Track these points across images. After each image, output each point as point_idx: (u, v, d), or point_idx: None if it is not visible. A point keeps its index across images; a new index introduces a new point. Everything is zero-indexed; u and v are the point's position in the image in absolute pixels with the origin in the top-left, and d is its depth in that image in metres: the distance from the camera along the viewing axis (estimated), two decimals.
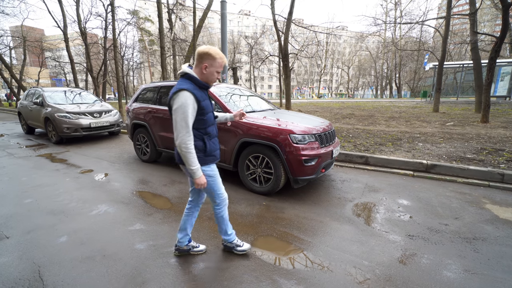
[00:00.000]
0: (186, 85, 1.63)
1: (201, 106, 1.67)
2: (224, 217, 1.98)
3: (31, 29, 23.77)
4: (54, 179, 3.88)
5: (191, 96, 1.60)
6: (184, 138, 1.60)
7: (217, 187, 1.87)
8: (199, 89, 1.70)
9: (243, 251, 2.06)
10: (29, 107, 7.45)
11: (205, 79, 1.72)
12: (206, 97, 1.76)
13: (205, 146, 1.77)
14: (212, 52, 1.65)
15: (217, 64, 1.69)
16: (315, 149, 3.11)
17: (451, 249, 2.17)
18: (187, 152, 1.63)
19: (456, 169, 3.89)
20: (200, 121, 1.71)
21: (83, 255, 2.04)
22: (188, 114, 1.60)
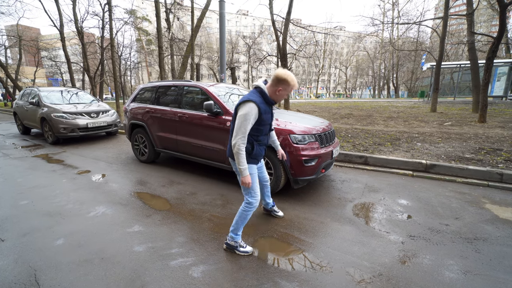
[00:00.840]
0: (255, 98, 1.89)
1: (262, 118, 1.92)
2: (246, 218, 2.10)
3: (27, 28, 23.54)
4: (50, 180, 3.82)
5: (256, 108, 1.86)
6: (239, 141, 1.85)
7: (255, 186, 2.05)
8: (266, 103, 1.96)
9: (245, 252, 2.08)
10: (25, 107, 7.36)
11: (275, 98, 1.97)
12: (269, 111, 2.01)
13: (253, 150, 2.00)
14: (289, 80, 1.87)
15: (289, 89, 1.92)
16: (315, 149, 3.09)
17: (453, 249, 2.16)
18: (239, 153, 1.86)
19: (455, 169, 3.89)
20: (256, 130, 1.95)
21: (81, 258, 2.00)
22: (249, 123, 1.85)
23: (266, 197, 2.66)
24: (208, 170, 4.25)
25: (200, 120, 3.73)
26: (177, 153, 4.23)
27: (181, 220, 2.65)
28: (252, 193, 2.04)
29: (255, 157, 2.04)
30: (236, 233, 2.10)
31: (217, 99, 3.63)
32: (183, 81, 4.28)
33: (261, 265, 1.96)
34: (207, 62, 38.82)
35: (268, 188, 2.60)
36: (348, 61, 51.96)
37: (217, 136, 3.56)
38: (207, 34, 35.44)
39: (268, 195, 2.66)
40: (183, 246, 2.17)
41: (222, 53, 7.42)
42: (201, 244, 2.20)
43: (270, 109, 2.02)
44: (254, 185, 2.03)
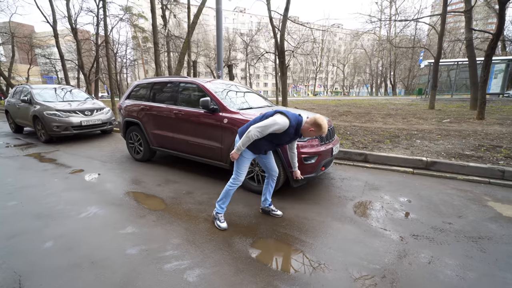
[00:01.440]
0: (293, 121, 2.13)
1: (280, 135, 2.17)
2: (229, 193, 2.39)
3: (20, 25, 23.06)
4: (41, 180, 3.70)
5: (286, 127, 2.10)
6: (256, 133, 2.11)
7: (242, 168, 2.32)
8: (294, 130, 2.17)
9: (219, 227, 2.38)
10: (17, 105, 7.17)
11: (303, 133, 2.20)
12: (289, 136, 2.20)
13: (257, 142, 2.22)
14: (323, 126, 2.07)
15: (319, 131, 2.10)
16: (315, 147, 3.00)
17: (457, 249, 2.10)
18: (249, 139, 2.12)
19: (456, 166, 3.83)
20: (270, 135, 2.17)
21: (70, 262, 1.90)
22: (271, 128, 2.09)
23: (267, 193, 2.62)
24: (205, 169, 4.15)
25: (197, 117, 3.62)
26: (173, 151, 4.12)
27: (177, 220, 2.55)
28: (238, 172, 2.33)
29: (257, 147, 2.25)
30: (221, 205, 2.42)
31: (214, 95, 3.52)
32: (179, 77, 4.16)
33: (260, 267, 1.87)
34: (205, 59, 38.49)
35: (274, 183, 2.60)
36: (346, 59, 51.92)
37: (214, 134, 3.46)
38: (204, 31, 35.08)
39: (270, 191, 2.62)
40: (178, 248, 2.08)
41: (219, 50, 7.28)
42: (197, 246, 2.11)
43: (291, 137, 2.21)
44: (243, 168, 2.32)
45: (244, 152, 2.27)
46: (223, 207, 2.43)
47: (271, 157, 2.52)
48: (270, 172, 2.54)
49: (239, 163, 2.31)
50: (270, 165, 2.52)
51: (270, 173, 2.55)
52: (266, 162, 2.51)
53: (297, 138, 2.31)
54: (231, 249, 2.08)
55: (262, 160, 2.51)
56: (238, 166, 2.32)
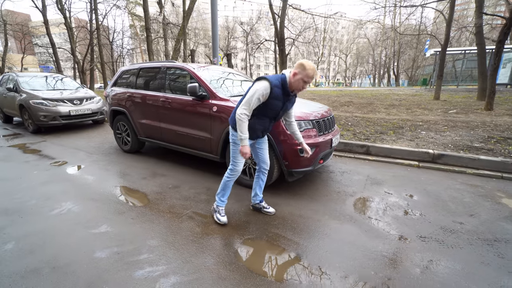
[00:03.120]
0: (273, 79, 1.88)
1: (270, 101, 1.92)
2: (227, 185, 2.19)
3: (12, 12, 22.39)
4: (19, 172, 3.45)
5: (268, 88, 1.86)
6: (243, 111, 1.89)
7: (238, 157, 2.10)
8: (282, 90, 1.92)
9: (218, 220, 2.20)
10: (4, 94, 6.87)
11: (292, 85, 1.91)
12: (281, 99, 1.95)
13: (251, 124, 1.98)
14: (305, 64, 1.82)
15: (306, 75, 1.82)
16: (313, 138, 2.72)
17: (471, 253, 1.85)
18: (241, 121, 1.89)
19: (466, 159, 3.55)
20: (261, 109, 1.95)
21: (28, 267, 1.66)
22: (256, 98, 1.87)
23: (257, 188, 2.39)
24: (195, 161, 3.89)
25: (184, 105, 3.33)
26: (161, 142, 3.85)
27: (158, 218, 2.31)
28: (234, 162, 2.12)
29: (251, 130, 2.01)
30: (220, 198, 2.23)
31: (203, 81, 3.22)
32: (166, 62, 3.84)
33: (246, 274, 1.63)
34: (204, 49, 37.68)
35: (265, 178, 2.38)
36: (348, 49, 50.73)
37: (203, 123, 3.17)
38: (202, 19, 34.16)
39: (261, 186, 2.40)
40: (154, 251, 1.84)
41: (215, 35, 6.90)
42: (176, 249, 1.87)
43: (284, 99, 1.97)
44: (239, 157, 2.09)
45: (234, 135, 2.06)
46: (223, 199, 2.25)
47: (265, 147, 2.28)
48: (261, 164, 2.30)
49: (235, 152, 2.10)
50: (262, 156, 2.27)
51: (261, 166, 2.31)
52: (259, 152, 2.27)
53: (291, 102, 2.08)
54: (215, 253, 1.84)
55: (255, 149, 2.26)
56: (235, 156, 2.12)
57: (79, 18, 21.71)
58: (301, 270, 1.68)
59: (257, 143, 2.24)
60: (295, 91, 1.95)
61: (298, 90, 1.93)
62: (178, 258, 1.77)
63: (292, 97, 2.05)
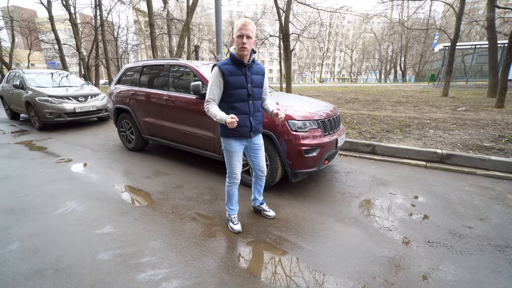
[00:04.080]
0: (220, 62, 1.83)
1: (227, 80, 1.80)
2: (230, 193, 2.12)
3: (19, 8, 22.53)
4: (25, 170, 3.48)
5: (217, 70, 1.80)
6: (206, 105, 1.84)
7: (231, 164, 2.01)
8: (234, 64, 1.82)
9: (232, 229, 2.13)
10: (10, 91, 6.94)
11: (239, 52, 1.79)
12: (239, 73, 1.83)
13: None
14: (235, 23, 1.74)
15: (235, 30, 1.75)
16: (318, 138, 2.67)
17: (481, 260, 1.79)
18: (208, 111, 1.83)
19: (475, 159, 3.46)
20: (228, 95, 1.85)
21: (32, 269, 1.67)
22: (213, 86, 1.82)
23: (256, 193, 2.34)
24: (198, 160, 3.87)
25: (187, 103, 3.30)
26: (164, 141, 3.83)
27: (161, 219, 2.30)
28: (229, 170, 2.04)
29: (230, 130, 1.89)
30: (229, 207, 2.17)
31: (206, 79, 3.17)
32: (170, 60, 3.80)
33: (248, 279, 1.61)
34: (208, 45, 37.45)
35: (262, 183, 2.29)
36: (354, 44, 49.90)
37: (206, 122, 3.14)
38: (206, 15, 33.90)
39: (259, 190, 2.33)
40: (156, 254, 1.82)
41: (219, 31, 6.80)
42: (178, 251, 1.85)
43: (242, 72, 1.84)
44: (233, 163, 2.00)
45: (227, 145, 1.97)
46: (232, 208, 2.17)
47: (260, 154, 2.13)
48: (257, 171, 2.20)
49: (228, 158, 2.01)
50: (258, 163, 2.14)
51: (257, 173, 2.21)
52: (254, 160, 2.13)
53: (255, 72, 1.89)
54: (217, 256, 1.82)
55: (250, 156, 2.14)
56: (228, 162, 2.03)
57: (84, 14, 21.76)
58: (305, 275, 1.64)
59: (251, 151, 2.09)
60: (242, 54, 1.78)
61: (243, 49, 1.75)
62: (181, 261, 1.76)
63: (252, 65, 1.88)
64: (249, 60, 1.84)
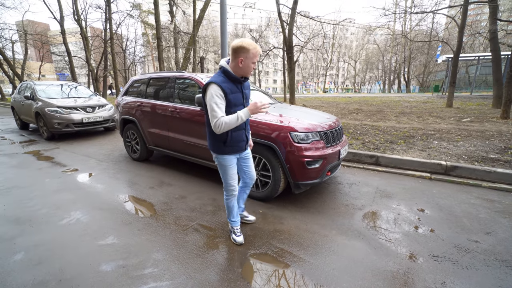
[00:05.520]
0: (215, 78, 1.75)
1: (228, 98, 1.76)
2: (229, 206, 2.12)
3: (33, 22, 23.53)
4: (32, 180, 3.56)
5: (217, 88, 1.71)
6: (217, 122, 1.70)
7: (227, 178, 2.01)
8: (231, 82, 1.79)
9: (234, 241, 2.12)
10: (21, 102, 7.16)
11: (241, 72, 1.78)
12: (237, 90, 1.82)
13: (227, 137, 1.87)
14: (245, 45, 1.69)
15: (251, 55, 1.72)
16: (320, 149, 2.69)
17: (488, 276, 1.75)
18: (227, 125, 1.71)
19: (481, 171, 3.42)
20: (227, 113, 1.77)
21: (36, 279, 1.69)
22: (217, 103, 1.71)
23: (241, 200, 2.33)
24: (202, 171, 3.90)
25: (192, 115, 3.37)
26: (169, 151, 3.89)
27: (164, 230, 2.31)
28: (227, 183, 2.03)
29: (231, 144, 1.91)
30: (230, 218, 2.17)
31: None
32: (176, 73, 3.91)
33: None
34: (214, 56, 38.31)
35: (248, 191, 2.32)
36: (358, 55, 50.45)
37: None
38: (212, 27, 34.86)
39: (244, 198, 2.34)
40: (159, 265, 1.83)
41: (224, 44, 6.98)
42: (180, 263, 1.86)
43: (239, 89, 1.84)
44: (227, 176, 2.00)
45: (223, 161, 1.96)
46: (234, 220, 2.17)
47: (250, 163, 2.15)
48: (247, 179, 2.19)
49: (225, 173, 2.01)
50: (248, 172, 2.15)
51: (247, 181, 2.20)
52: (245, 169, 2.14)
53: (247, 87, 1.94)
54: (219, 268, 1.82)
55: (241, 165, 2.12)
56: (225, 176, 2.02)
57: (94, 27, 22.60)
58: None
59: (242, 161, 2.11)
60: (244, 75, 1.82)
61: (249, 74, 1.81)
62: (182, 273, 1.76)
63: (245, 81, 1.90)
64: None
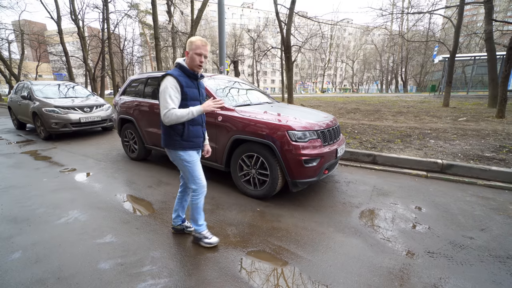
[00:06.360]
0: (172, 71, 1.80)
1: (184, 91, 1.79)
2: (198, 206, 2.00)
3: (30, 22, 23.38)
4: (29, 180, 3.54)
5: (173, 79, 1.75)
6: (167, 112, 1.71)
7: (195, 173, 1.93)
8: (187, 77, 1.83)
9: (209, 244, 2.02)
10: (18, 102, 7.12)
11: (192, 66, 1.82)
12: (192, 85, 1.86)
13: (183, 130, 1.85)
14: (191, 39, 1.78)
15: (194, 47, 1.76)
16: (317, 148, 2.71)
17: (482, 271, 1.78)
18: (177, 118, 1.73)
19: (476, 169, 3.46)
20: (183, 106, 1.80)
21: (33, 278, 1.69)
22: (171, 95, 1.73)
23: (180, 210, 2.16)
24: None
25: None
26: None
27: (162, 228, 2.32)
28: (195, 180, 1.94)
29: (188, 138, 1.88)
30: (196, 224, 2.05)
31: (208, 91, 3.26)
32: None
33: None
34: (212, 56, 38.26)
35: (188, 198, 2.12)
36: (355, 55, 50.67)
37: (208, 133, 3.20)
38: (210, 27, 34.83)
39: (184, 207, 2.17)
40: (157, 263, 1.84)
41: (222, 44, 7.01)
42: (178, 261, 1.87)
43: (194, 85, 1.88)
44: (196, 172, 1.93)
45: (187, 156, 1.89)
46: (201, 223, 2.04)
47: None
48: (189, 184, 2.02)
49: (190, 169, 1.91)
50: None
51: (188, 186, 2.07)
52: None
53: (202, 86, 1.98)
54: (217, 266, 1.83)
55: None
56: (192, 173, 1.92)
57: (92, 27, 22.52)
58: (304, 285, 1.64)
59: None
60: (196, 70, 1.83)
61: (198, 66, 1.81)
62: (181, 271, 1.77)
63: (200, 80, 1.94)
64: None
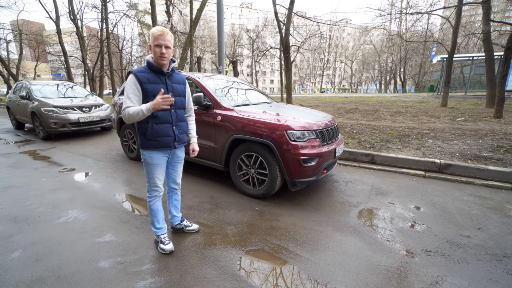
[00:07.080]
0: (136, 69, 1.76)
1: (144, 88, 1.72)
2: (152, 209, 1.96)
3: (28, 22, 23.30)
4: (29, 179, 3.54)
5: (133, 77, 1.72)
6: (123, 112, 1.68)
7: (150, 176, 1.89)
8: (152, 72, 1.76)
9: (162, 250, 1.95)
10: (17, 102, 7.11)
11: (157, 61, 1.74)
12: (158, 81, 1.77)
13: (147, 128, 1.78)
14: (151, 30, 1.71)
15: (152, 39, 1.69)
16: (316, 148, 2.72)
17: (478, 269, 1.80)
18: (130, 117, 1.67)
19: (474, 169, 3.49)
20: (145, 103, 1.70)
21: (34, 276, 1.69)
22: (128, 93, 1.70)
23: (173, 209, 2.17)
24: (199, 169, 3.92)
25: None
26: None
27: None
28: (150, 182, 1.90)
29: (151, 137, 1.79)
30: (154, 226, 2.01)
31: (208, 91, 3.28)
32: None
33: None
34: (211, 56, 38.25)
35: (178, 197, 2.17)
36: (354, 55, 50.80)
37: (207, 132, 3.22)
38: (209, 27, 34.81)
39: (177, 206, 2.18)
40: (157, 262, 1.85)
41: (221, 44, 7.02)
42: (177, 259, 1.88)
43: (162, 80, 1.79)
44: (151, 175, 1.87)
45: (148, 157, 1.83)
46: (160, 227, 1.99)
47: (179, 168, 2.07)
48: (171, 184, 2.08)
49: (149, 171, 1.87)
50: (175, 174, 2.05)
51: (170, 186, 2.09)
52: (171, 174, 2.04)
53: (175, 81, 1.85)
54: (216, 264, 1.84)
55: (168, 170, 2.03)
56: (149, 175, 1.88)
57: (91, 27, 22.45)
58: (303, 284, 1.66)
59: (171, 165, 2.01)
60: (160, 63, 1.73)
61: (162, 59, 1.70)
62: (180, 269, 1.78)
63: (172, 74, 1.84)
64: (168, 69, 1.80)
